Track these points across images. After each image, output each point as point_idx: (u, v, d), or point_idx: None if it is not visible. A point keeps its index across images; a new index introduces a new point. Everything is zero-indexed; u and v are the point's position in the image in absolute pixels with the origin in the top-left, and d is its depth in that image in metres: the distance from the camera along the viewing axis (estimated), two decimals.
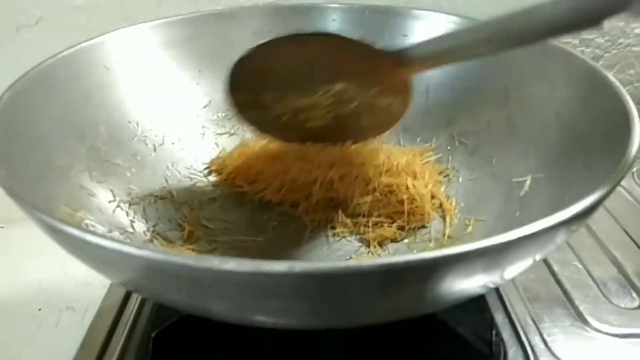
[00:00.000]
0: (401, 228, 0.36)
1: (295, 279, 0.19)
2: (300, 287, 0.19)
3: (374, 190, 0.36)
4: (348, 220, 0.36)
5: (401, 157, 0.38)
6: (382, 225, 0.35)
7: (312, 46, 0.34)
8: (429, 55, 0.32)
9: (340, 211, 0.36)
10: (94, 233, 0.20)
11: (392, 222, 0.36)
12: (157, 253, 0.19)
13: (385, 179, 0.36)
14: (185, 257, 0.19)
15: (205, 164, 0.42)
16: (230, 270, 0.18)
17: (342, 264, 0.18)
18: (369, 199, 0.36)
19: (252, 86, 0.35)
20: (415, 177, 0.37)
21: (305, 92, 0.35)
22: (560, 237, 0.24)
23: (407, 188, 0.36)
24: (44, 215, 0.21)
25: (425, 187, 0.37)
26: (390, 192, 0.36)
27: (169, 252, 0.19)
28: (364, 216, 0.36)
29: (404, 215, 0.35)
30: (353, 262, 0.18)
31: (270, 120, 0.36)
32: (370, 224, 0.35)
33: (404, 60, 0.32)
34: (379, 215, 0.36)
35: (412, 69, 0.33)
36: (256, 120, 0.37)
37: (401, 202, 0.36)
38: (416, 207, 0.36)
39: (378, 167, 0.37)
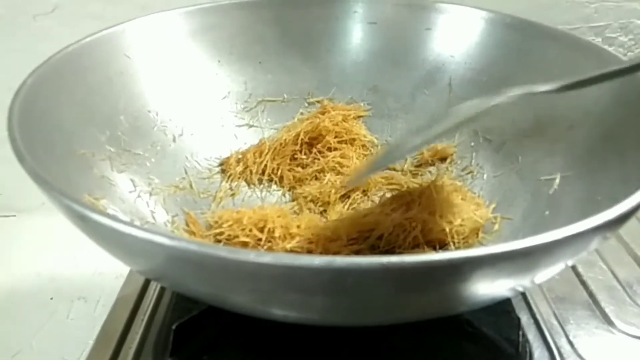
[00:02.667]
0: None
1: (333, 274, 0.18)
2: (337, 282, 0.19)
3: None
4: None
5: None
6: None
7: None
8: None
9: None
10: (126, 222, 0.19)
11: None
12: (191, 244, 0.18)
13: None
14: (220, 249, 0.18)
15: (217, 158, 0.41)
16: (267, 264, 0.18)
17: (384, 259, 0.17)
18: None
19: None
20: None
21: None
22: (596, 240, 0.23)
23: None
24: (74, 203, 0.20)
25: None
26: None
27: (202, 243, 0.19)
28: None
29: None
30: (394, 258, 0.17)
31: None
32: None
33: None
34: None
35: None
36: None
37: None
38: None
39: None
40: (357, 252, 0.32)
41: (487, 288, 0.21)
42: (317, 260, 0.18)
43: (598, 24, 0.55)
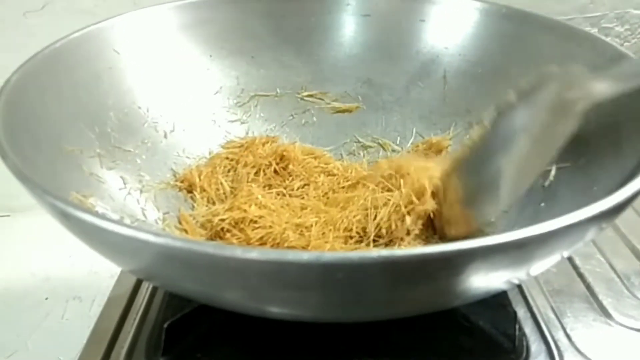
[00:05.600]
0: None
1: (322, 269, 0.18)
2: (327, 277, 0.18)
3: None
4: None
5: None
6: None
7: None
8: None
9: None
10: (110, 219, 0.19)
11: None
12: (177, 241, 0.18)
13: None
14: (207, 245, 0.18)
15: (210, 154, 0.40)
16: (253, 259, 0.17)
17: (375, 253, 0.17)
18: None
19: None
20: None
21: None
22: (592, 231, 0.22)
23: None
24: (57, 200, 0.20)
25: None
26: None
27: (189, 240, 0.18)
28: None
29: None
30: (385, 252, 0.17)
31: None
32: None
33: None
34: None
35: None
36: None
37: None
38: None
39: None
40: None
41: (481, 281, 0.21)
42: (306, 256, 0.17)
43: (594, 14, 0.54)
